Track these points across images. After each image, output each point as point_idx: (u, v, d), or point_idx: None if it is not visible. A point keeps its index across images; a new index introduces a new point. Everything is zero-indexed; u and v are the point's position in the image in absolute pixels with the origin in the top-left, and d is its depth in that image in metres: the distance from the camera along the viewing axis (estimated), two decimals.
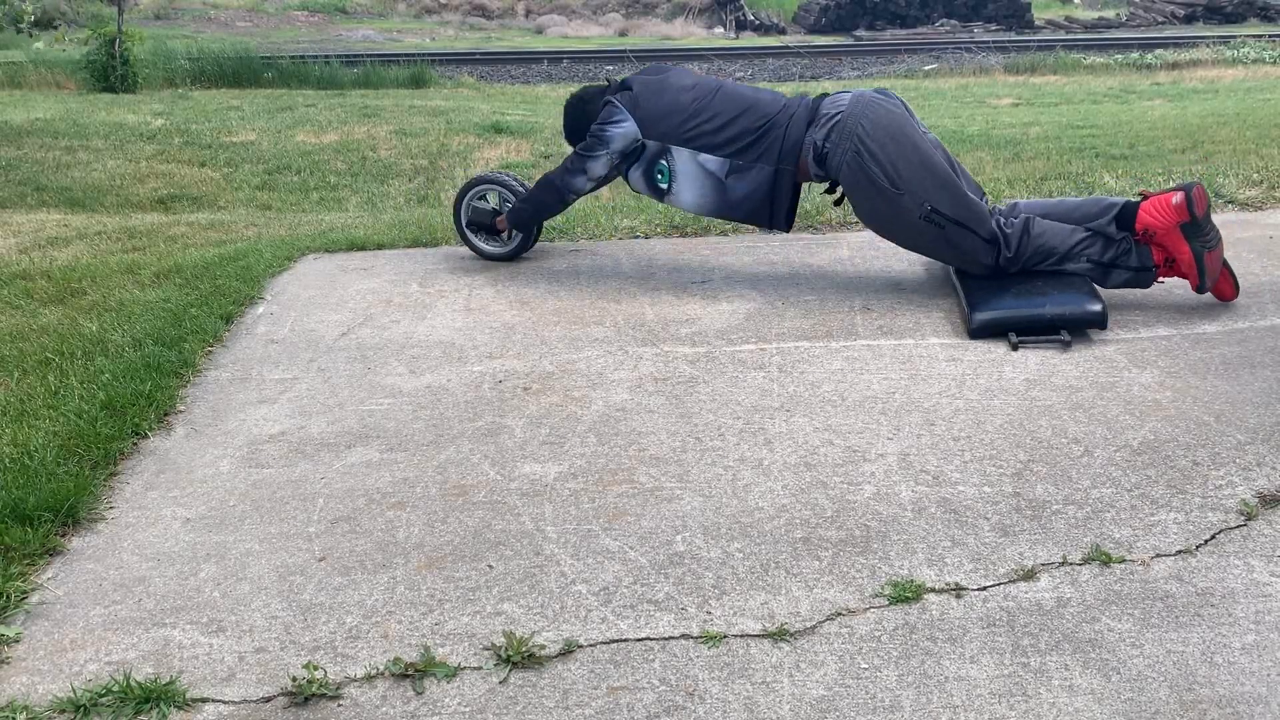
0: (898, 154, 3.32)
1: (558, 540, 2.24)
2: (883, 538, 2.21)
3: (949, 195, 3.32)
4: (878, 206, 3.39)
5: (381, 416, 2.82)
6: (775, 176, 3.47)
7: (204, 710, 1.80)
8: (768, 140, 3.46)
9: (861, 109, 3.37)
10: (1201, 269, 3.24)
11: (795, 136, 3.43)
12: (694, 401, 2.84)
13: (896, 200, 3.33)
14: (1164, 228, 3.23)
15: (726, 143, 3.49)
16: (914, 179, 3.31)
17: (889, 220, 3.42)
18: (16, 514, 2.30)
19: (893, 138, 3.33)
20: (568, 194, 3.76)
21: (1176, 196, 3.22)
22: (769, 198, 3.50)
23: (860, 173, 3.34)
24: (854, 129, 3.35)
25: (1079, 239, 3.32)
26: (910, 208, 3.33)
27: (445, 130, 9.13)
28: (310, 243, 4.49)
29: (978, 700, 1.76)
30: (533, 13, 23.91)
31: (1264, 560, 2.10)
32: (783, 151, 3.44)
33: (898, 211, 3.36)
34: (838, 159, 3.37)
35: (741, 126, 3.48)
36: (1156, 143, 7.13)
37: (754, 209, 3.54)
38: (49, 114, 9.70)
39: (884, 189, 3.33)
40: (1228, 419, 2.65)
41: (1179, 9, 21.97)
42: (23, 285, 4.11)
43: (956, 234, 3.34)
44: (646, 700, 1.79)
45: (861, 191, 3.39)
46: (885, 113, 3.37)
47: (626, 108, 3.59)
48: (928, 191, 3.32)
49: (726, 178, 3.51)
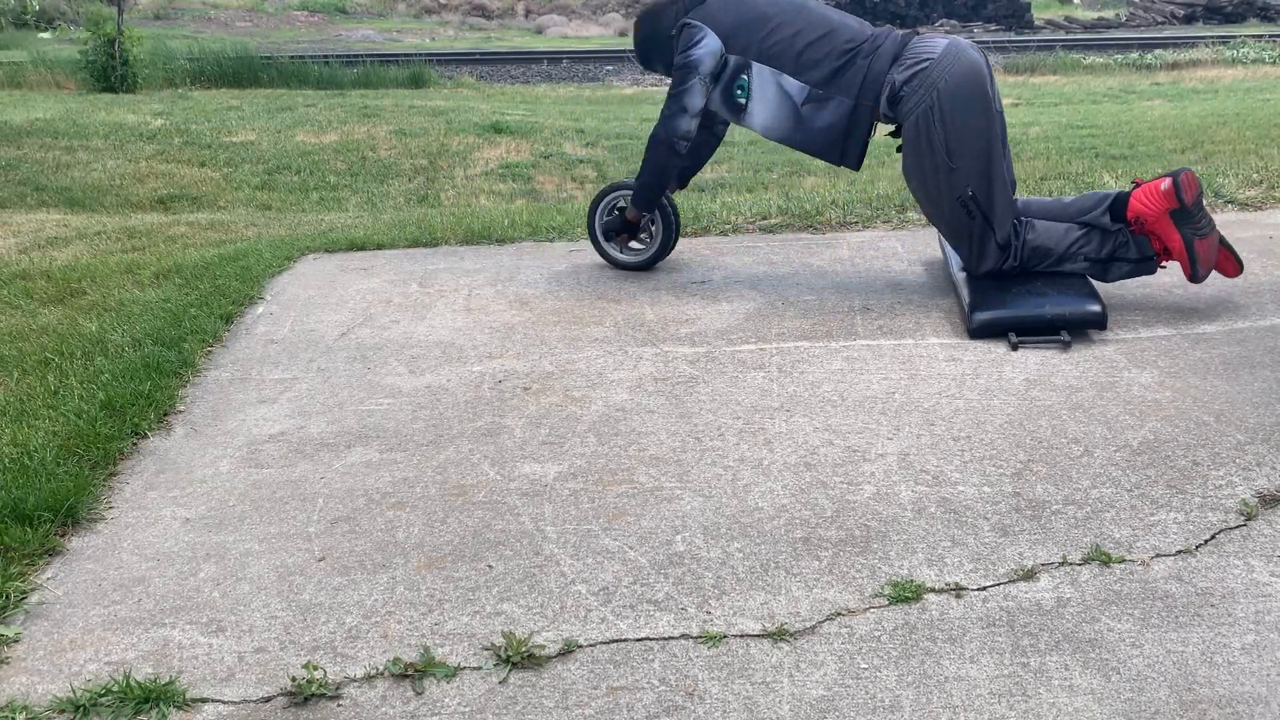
0: (965, 127, 3.21)
1: (557, 540, 2.24)
2: (883, 538, 2.21)
3: (992, 189, 3.25)
4: (924, 168, 3.29)
5: (381, 416, 2.82)
6: (854, 112, 3.32)
7: (204, 710, 1.79)
8: (850, 71, 3.30)
9: (949, 65, 3.23)
10: (1193, 256, 3.21)
11: (878, 71, 3.29)
12: (694, 401, 2.84)
13: (946, 172, 3.24)
14: (1153, 214, 3.21)
15: (809, 66, 3.33)
16: (970, 159, 3.23)
17: (928, 186, 3.32)
18: (16, 514, 2.30)
19: (968, 108, 3.22)
20: (676, 141, 3.56)
21: (1165, 183, 3.21)
22: (844, 134, 3.35)
23: (924, 130, 3.23)
24: (935, 83, 3.21)
25: (1074, 238, 3.31)
26: (955, 184, 3.24)
27: (445, 130, 9.13)
28: (310, 243, 4.49)
29: (977, 700, 1.76)
30: (532, 13, 23.91)
31: (1264, 560, 2.10)
32: (864, 86, 3.29)
33: (940, 182, 3.27)
34: (909, 107, 3.25)
35: (825, 50, 3.33)
36: (1156, 143, 7.14)
37: (827, 144, 3.40)
38: (49, 114, 9.70)
39: (939, 156, 3.23)
40: (1228, 419, 2.65)
41: (1179, 9, 21.97)
42: (22, 285, 4.11)
43: (980, 229, 3.29)
44: (646, 700, 1.79)
45: (916, 147, 3.27)
46: (971, 79, 3.23)
47: (706, 23, 3.43)
48: (976, 177, 3.23)
49: (803, 105, 3.35)
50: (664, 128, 3.55)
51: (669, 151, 3.59)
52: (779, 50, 3.37)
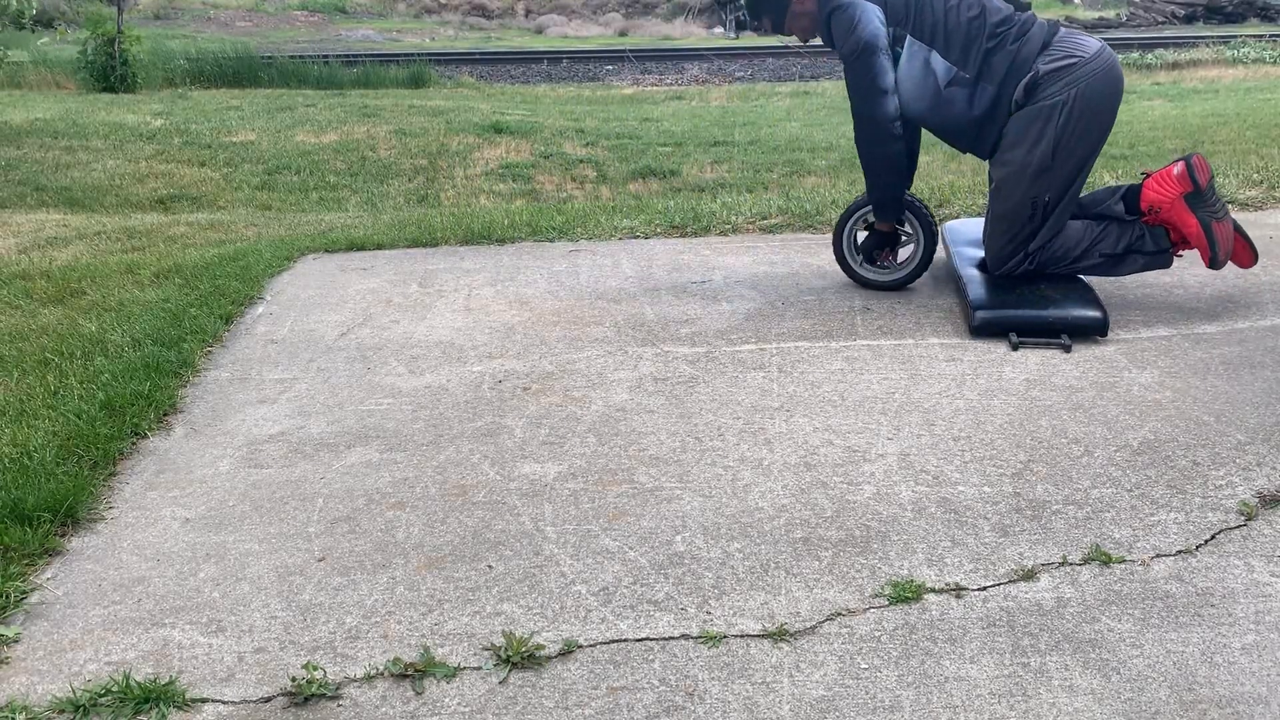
0: (1083, 135, 3.16)
1: (557, 540, 2.24)
2: (883, 538, 2.20)
3: (1063, 203, 3.22)
4: (1019, 156, 3.19)
5: (381, 416, 2.82)
6: (996, 99, 3.21)
7: (204, 710, 1.79)
8: (999, 55, 3.19)
9: (1098, 68, 3.15)
10: (1211, 239, 3.21)
11: (1026, 57, 3.18)
12: (694, 401, 2.84)
13: (1040, 170, 3.17)
14: (1168, 200, 3.21)
15: (961, 46, 3.21)
16: (1067, 167, 3.18)
17: (1013, 174, 3.23)
18: (16, 514, 2.30)
19: (1096, 117, 3.16)
20: (889, 124, 3.30)
21: (1177, 167, 3.21)
22: (981, 122, 3.26)
23: (1046, 120, 3.14)
24: (1078, 80, 3.13)
25: (1093, 234, 3.30)
26: (1040, 185, 3.19)
27: (445, 130, 9.13)
28: (310, 243, 4.49)
29: (978, 700, 1.76)
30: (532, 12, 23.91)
31: (1264, 560, 2.10)
32: (1010, 72, 3.18)
33: (1025, 175, 3.19)
34: (1042, 95, 3.15)
35: (976, 30, 3.21)
36: (1157, 143, 7.14)
37: (960, 129, 3.30)
38: (49, 114, 9.70)
39: (1044, 151, 3.16)
40: (1228, 419, 2.65)
41: (1179, 9, 21.98)
42: (22, 285, 4.11)
43: (1028, 232, 3.25)
44: (646, 700, 1.79)
45: (1028, 133, 3.17)
46: (1111, 90, 3.18)
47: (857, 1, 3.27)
48: (1060, 186, 3.19)
49: (946, 87, 3.24)
50: (870, 120, 3.30)
51: (888, 138, 3.31)
52: (932, 25, 3.24)
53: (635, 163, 8.32)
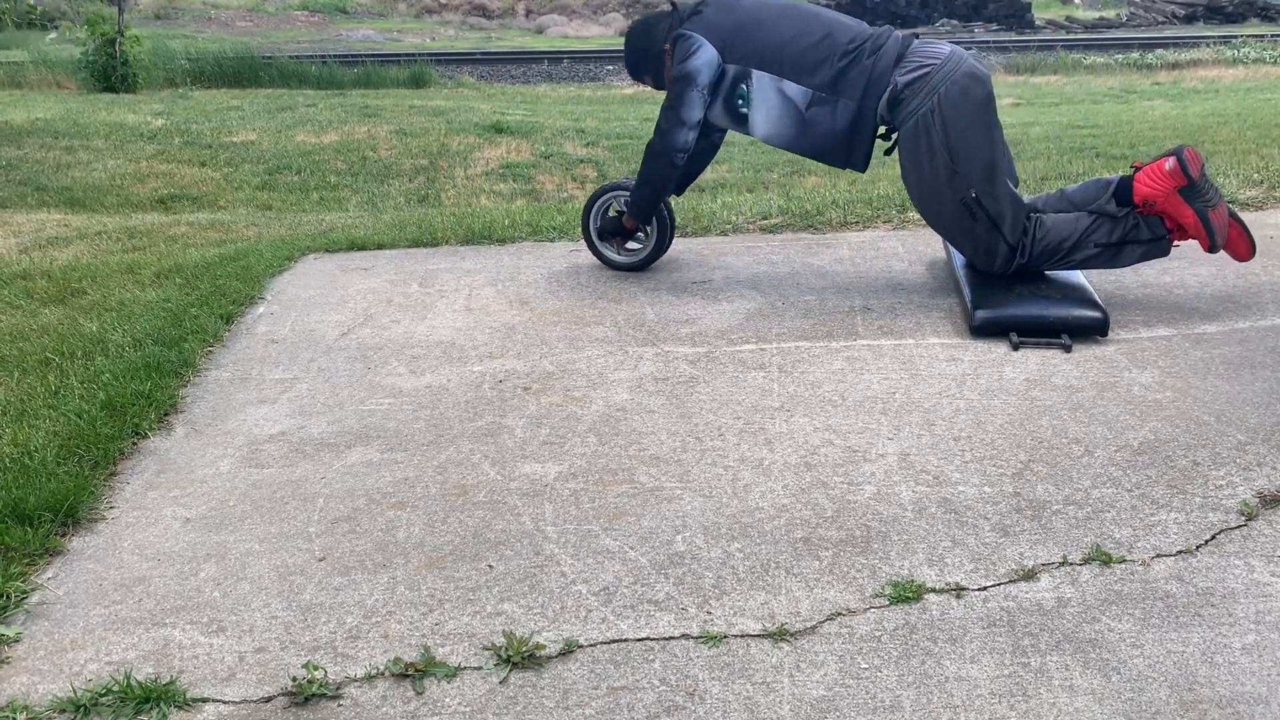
0: (968, 130, 3.20)
1: (558, 540, 2.24)
2: (883, 538, 2.21)
3: (996, 190, 3.24)
4: (925, 174, 3.27)
5: (382, 416, 2.82)
6: (858, 114, 3.29)
7: (204, 710, 1.80)
8: (854, 71, 3.27)
9: (953, 69, 3.22)
10: (1209, 228, 3.21)
11: (882, 71, 3.26)
12: (694, 401, 2.84)
13: (949, 175, 3.22)
14: (1162, 194, 3.21)
15: (811, 69, 3.30)
16: (972, 161, 3.21)
17: (929, 192, 3.30)
18: (16, 514, 2.30)
19: (971, 111, 3.21)
20: (675, 154, 3.49)
21: (1169, 161, 3.21)
22: (849, 136, 3.33)
23: (924, 132, 3.22)
24: (938, 86, 3.20)
25: (1084, 226, 3.29)
26: (957, 187, 3.23)
27: (445, 130, 9.13)
28: (310, 243, 4.49)
29: (978, 700, 1.76)
30: (533, 12, 23.91)
31: (1264, 560, 2.10)
32: (868, 87, 3.26)
33: (941, 186, 3.25)
34: (909, 110, 3.23)
35: (826, 52, 3.30)
36: (1157, 143, 7.14)
37: (832, 147, 3.37)
38: (49, 114, 9.70)
39: (940, 158, 3.21)
40: (1228, 419, 2.65)
41: (1179, 9, 21.97)
42: (23, 285, 4.11)
43: (985, 230, 3.27)
44: (646, 700, 1.79)
45: (916, 151, 3.25)
46: (974, 83, 3.23)
47: (701, 33, 3.38)
48: (979, 178, 3.22)
49: (807, 110, 3.32)
50: (661, 141, 3.50)
51: (668, 164, 3.54)
52: (778, 56, 3.33)
53: (636, 162, 8.31)
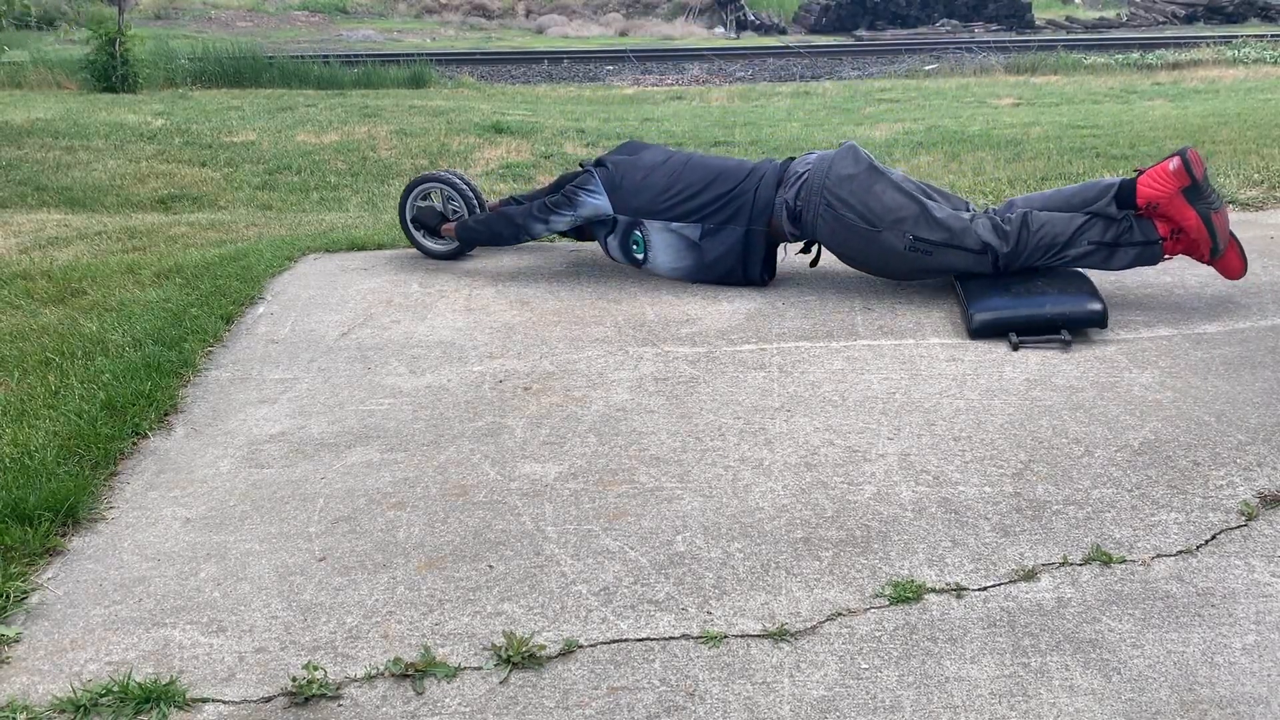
0: (867, 195, 3.41)
1: (558, 540, 2.24)
2: (883, 538, 2.21)
3: (926, 220, 3.37)
4: (862, 248, 3.47)
5: (382, 416, 2.82)
6: (746, 237, 3.60)
7: (204, 710, 1.80)
8: (737, 204, 3.60)
9: (825, 164, 3.50)
10: (1212, 230, 3.24)
11: (765, 198, 3.57)
12: (694, 402, 2.84)
13: (877, 238, 3.41)
14: (1166, 196, 3.23)
15: (697, 210, 3.64)
16: (888, 214, 3.38)
17: (877, 258, 3.49)
18: (17, 514, 2.30)
19: (858, 182, 3.44)
20: (524, 235, 3.93)
21: (1173, 162, 3.23)
22: (742, 257, 3.63)
23: (836, 222, 3.46)
24: (821, 183, 3.46)
25: (1079, 224, 3.31)
26: (894, 242, 3.39)
27: (446, 130, 9.13)
28: (311, 243, 4.49)
29: (978, 700, 1.76)
30: (533, 13, 23.91)
31: (1265, 560, 2.10)
32: (753, 213, 3.58)
33: (883, 248, 3.42)
34: (811, 214, 3.49)
35: (712, 194, 3.64)
36: (1157, 143, 7.13)
37: (729, 268, 3.67)
38: (49, 114, 9.70)
39: (862, 231, 3.42)
40: (1228, 419, 2.65)
41: (1180, 9, 21.97)
42: (23, 285, 4.11)
43: (946, 254, 3.38)
44: (647, 700, 1.79)
45: (842, 239, 3.49)
46: (847, 162, 3.48)
47: (604, 184, 3.76)
48: (905, 222, 3.37)
49: (701, 240, 3.65)
50: (523, 220, 3.88)
51: (513, 235, 3.95)
52: (668, 206, 3.67)
53: None
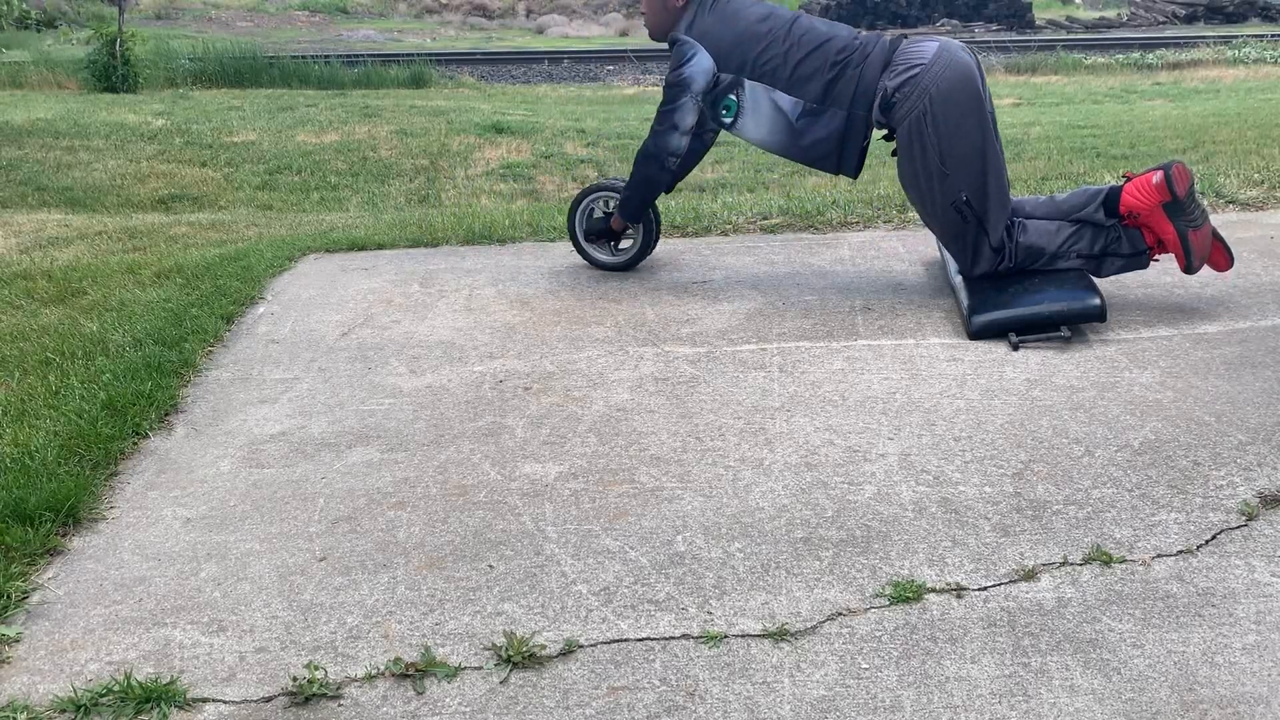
0: (957, 132, 3.23)
1: (558, 540, 2.24)
2: (883, 538, 2.21)
3: (986, 193, 3.27)
4: (918, 174, 3.31)
5: (382, 416, 2.83)
6: (847, 121, 3.35)
7: (205, 710, 1.80)
8: (841, 82, 3.33)
9: (941, 69, 3.24)
10: (1187, 248, 3.23)
11: (870, 79, 3.31)
12: (695, 401, 2.84)
13: (940, 178, 3.27)
14: (1146, 208, 3.22)
15: (802, 81, 3.36)
16: (963, 163, 3.25)
17: (923, 191, 3.34)
18: (17, 514, 2.30)
19: (961, 112, 3.24)
20: (666, 158, 3.57)
21: (1156, 176, 3.22)
22: (839, 143, 3.39)
23: (917, 136, 3.26)
24: (927, 88, 3.23)
25: (1066, 235, 3.31)
26: (949, 189, 3.27)
27: (446, 130, 9.13)
28: (311, 243, 4.49)
29: (978, 700, 1.76)
30: (533, 13, 23.91)
31: (1265, 560, 2.10)
32: (856, 95, 3.32)
33: (934, 188, 3.29)
34: (902, 113, 3.27)
35: (816, 64, 3.35)
36: (1158, 143, 7.13)
37: (823, 155, 3.43)
38: (50, 114, 9.70)
39: (932, 161, 3.26)
40: (1229, 419, 2.65)
41: (1180, 9, 21.96)
42: (23, 285, 4.11)
43: (974, 232, 3.31)
44: (647, 700, 1.79)
45: (910, 153, 3.30)
46: (963, 83, 3.25)
47: (698, 40, 3.45)
48: (970, 181, 3.26)
49: (797, 120, 3.38)
50: (654, 144, 3.57)
51: (659, 168, 3.61)
52: (772, 68, 3.39)
53: None
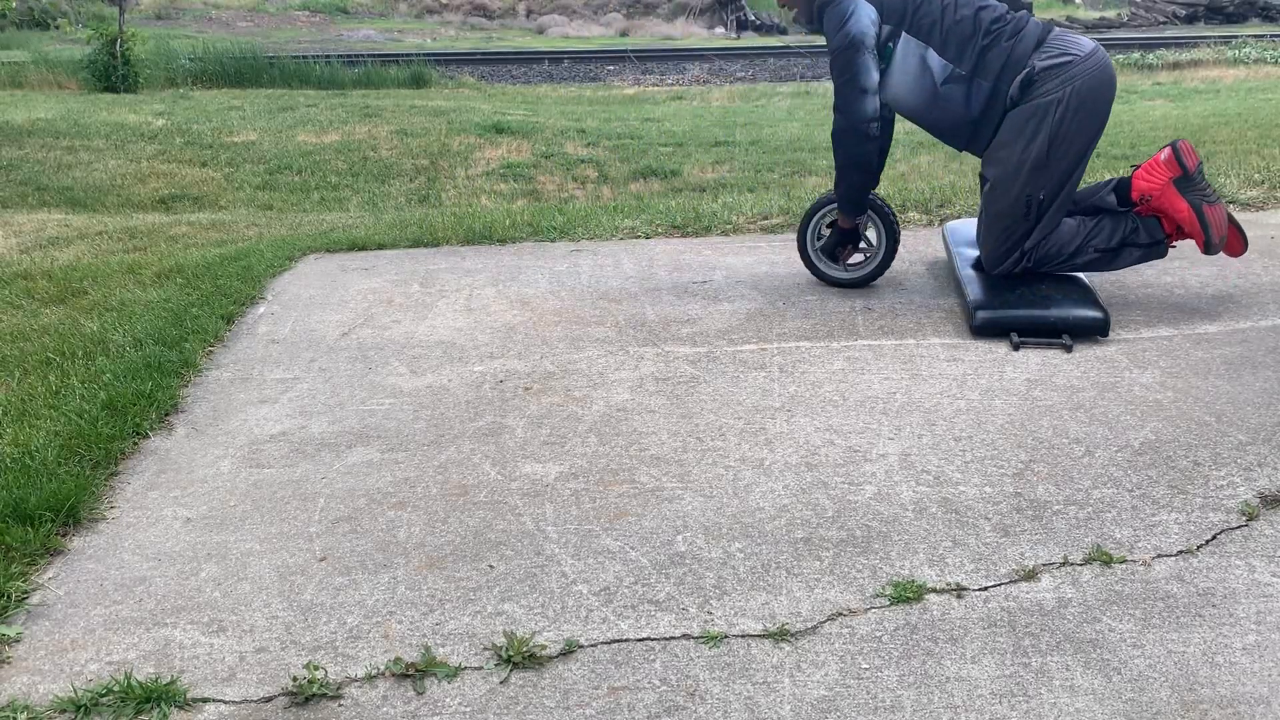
0: (1078, 132, 3.17)
1: (558, 540, 2.24)
2: (884, 538, 2.21)
3: (1058, 201, 3.23)
4: (1016, 152, 3.21)
5: (382, 416, 2.82)
6: (992, 95, 3.22)
7: (205, 710, 1.80)
8: (994, 52, 3.21)
9: (1093, 66, 3.17)
10: (1204, 221, 3.22)
11: (1021, 54, 3.19)
12: (695, 401, 2.84)
13: (1035, 166, 3.19)
14: (1158, 187, 3.23)
15: (956, 44, 3.22)
16: (1062, 163, 3.19)
17: (1009, 171, 3.23)
18: (17, 514, 2.30)
19: (1091, 114, 3.18)
20: (866, 125, 3.30)
21: (1164, 153, 3.24)
22: (978, 119, 3.27)
23: (1041, 118, 3.16)
24: (1074, 78, 3.14)
25: (1086, 230, 3.32)
26: (1035, 181, 3.20)
27: (446, 130, 9.13)
28: (311, 243, 4.49)
29: (979, 701, 1.76)
30: (534, 13, 23.91)
31: (1265, 560, 2.10)
32: (1005, 68, 3.20)
33: (1023, 173, 3.21)
34: (1039, 93, 3.16)
35: (972, 28, 3.23)
36: (1158, 143, 7.12)
37: (956, 127, 3.32)
38: (50, 114, 9.70)
39: (1039, 147, 3.17)
40: (1229, 419, 2.65)
41: (1180, 9, 21.96)
42: (24, 285, 4.11)
43: (1023, 231, 3.26)
44: (647, 700, 1.79)
45: (1022, 131, 3.19)
46: (1106, 87, 3.20)
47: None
48: (1055, 183, 3.21)
49: (943, 84, 3.24)
50: (846, 118, 3.31)
51: (862, 138, 3.32)
52: (929, 23, 3.25)
53: (636, 163, 8.32)
